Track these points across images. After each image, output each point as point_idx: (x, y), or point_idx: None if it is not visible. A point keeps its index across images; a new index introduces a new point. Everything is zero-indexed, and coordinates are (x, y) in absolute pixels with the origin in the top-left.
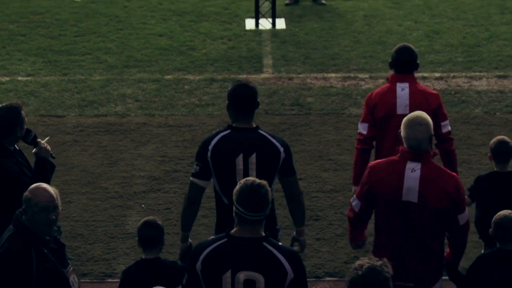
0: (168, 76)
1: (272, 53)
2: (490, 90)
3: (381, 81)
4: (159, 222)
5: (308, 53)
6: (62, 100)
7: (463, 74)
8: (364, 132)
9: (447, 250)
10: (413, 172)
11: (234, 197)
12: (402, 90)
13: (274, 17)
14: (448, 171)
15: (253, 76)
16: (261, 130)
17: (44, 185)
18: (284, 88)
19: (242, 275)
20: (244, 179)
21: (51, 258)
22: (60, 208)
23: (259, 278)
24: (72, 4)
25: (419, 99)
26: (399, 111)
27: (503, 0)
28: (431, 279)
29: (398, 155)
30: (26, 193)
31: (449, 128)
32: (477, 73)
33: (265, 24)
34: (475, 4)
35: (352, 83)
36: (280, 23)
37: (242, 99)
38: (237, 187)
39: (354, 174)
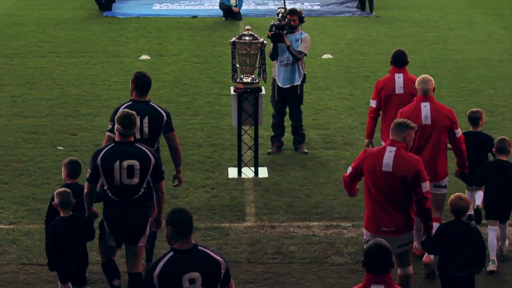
0: None
1: (255, 201)
2: None
3: (364, 230)
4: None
5: (291, 201)
6: (44, 249)
7: None
8: (374, 106)
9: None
10: (425, 107)
11: (116, 121)
12: (399, 78)
13: (256, 166)
14: (445, 105)
15: (236, 224)
16: (151, 102)
17: None
18: (267, 236)
19: (125, 162)
20: (121, 110)
21: None
22: None
23: (136, 163)
24: (55, 152)
25: (409, 84)
26: (397, 91)
27: None
28: (442, 175)
29: (415, 101)
30: None
31: None
32: None
33: (247, 172)
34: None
35: (335, 232)
36: (263, 172)
37: (143, 83)
38: (117, 115)
39: (367, 132)
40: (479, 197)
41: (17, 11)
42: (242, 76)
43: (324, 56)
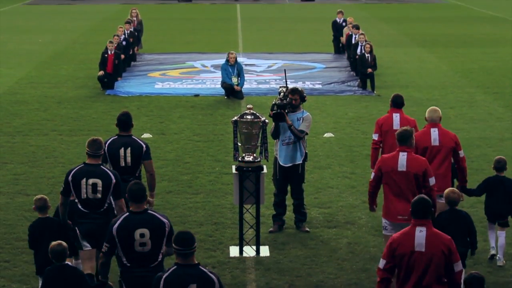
0: None
1: (256, 280)
2: None
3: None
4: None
5: (292, 280)
6: None
7: None
8: (376, 139)
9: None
10: (434, 131)
11: (86, 145)
12: (396, 117)
13: (258, 244)
14: (450, 131)
15: None
16: (133, 135)
17: None
18: None
19: (90, 180)
20: (90, 138)
21: None
22: None
23: (99, 182)
24: None
25: (404, 122)
26: (394, 127)
27: None
28: (445, 188)
29: (425, 127)
30: None
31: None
32: None
33: (249, 251)
34: None
35: None
36: (264, 251)
37: (123, 121)
38: (88, 141)
39: (372, 162)
40: (501, 249)
41: (19, 89)
42: (243, 154)
43: (325, 135)
